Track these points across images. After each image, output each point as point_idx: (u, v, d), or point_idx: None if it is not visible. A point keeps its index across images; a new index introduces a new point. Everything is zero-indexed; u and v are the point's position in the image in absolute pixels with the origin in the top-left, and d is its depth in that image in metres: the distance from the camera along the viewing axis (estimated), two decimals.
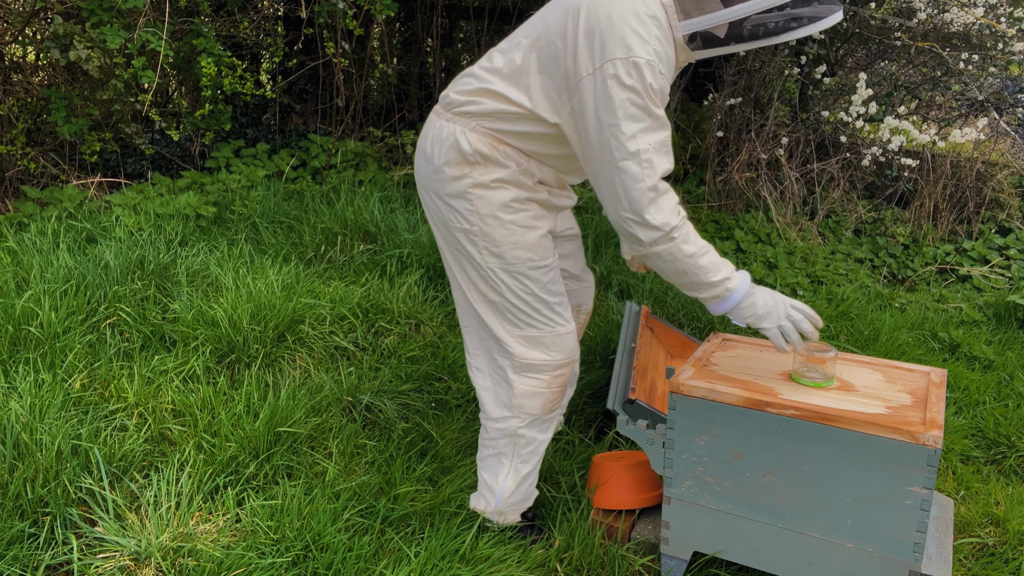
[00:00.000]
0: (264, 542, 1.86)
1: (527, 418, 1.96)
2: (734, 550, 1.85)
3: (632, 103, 1.59)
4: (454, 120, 1.81)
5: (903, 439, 1.59)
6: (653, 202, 1.65)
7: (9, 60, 4.19)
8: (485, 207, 1.80)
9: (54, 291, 2.81)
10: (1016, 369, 3.19)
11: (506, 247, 1.82)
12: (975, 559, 2.12)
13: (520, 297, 1.86)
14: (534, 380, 1.92)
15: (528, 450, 2.00)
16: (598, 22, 1.59)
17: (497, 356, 1.95)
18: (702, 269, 1.73)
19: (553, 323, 1.90)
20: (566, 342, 1.92)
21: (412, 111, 5.79)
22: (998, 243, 4.54)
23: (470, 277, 1.90)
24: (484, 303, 1.91)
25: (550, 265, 1.89)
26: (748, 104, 4.75)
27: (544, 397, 1.95)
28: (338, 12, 4.09)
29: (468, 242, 1.84)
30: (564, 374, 1.96)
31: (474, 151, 1.78)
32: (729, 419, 1.76)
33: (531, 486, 2.06)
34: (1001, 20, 4.18)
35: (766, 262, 4.17)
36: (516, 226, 1.82)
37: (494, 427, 1.99)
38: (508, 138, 1.79)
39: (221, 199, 4.07)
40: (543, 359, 1.91)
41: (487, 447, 2.03)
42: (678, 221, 1.69)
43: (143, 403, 2.34)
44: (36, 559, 1.80)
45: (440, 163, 1.82)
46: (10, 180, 4.08)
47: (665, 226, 1.66)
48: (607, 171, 1.66)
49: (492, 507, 2.03)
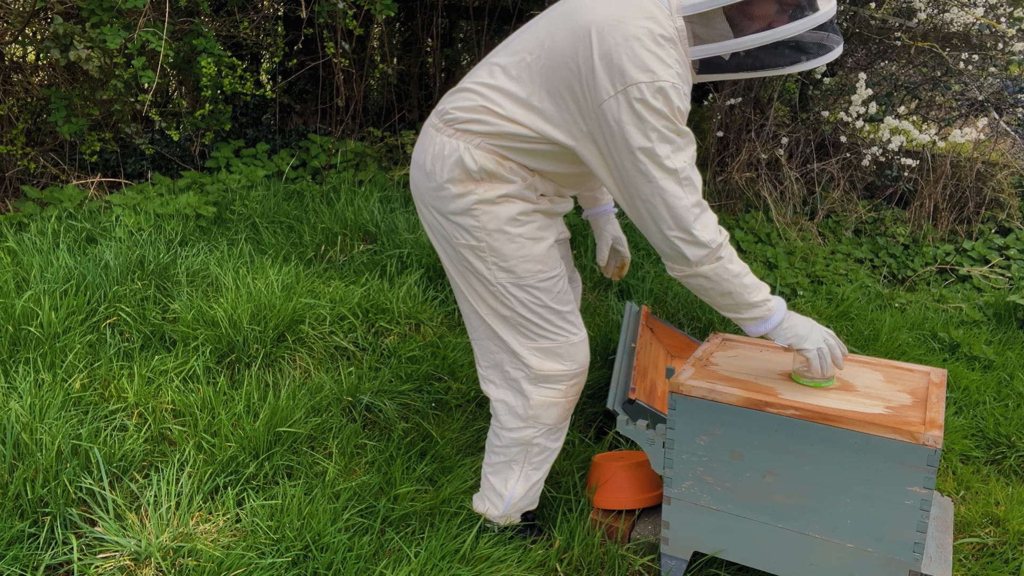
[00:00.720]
0: (264, 542, 1.86)
1: (543, 428, 1.95)
2: (734, 550, 1.85)
3: (664, 126, 1.59)
4: (456, 136, 1.78)
5: (903, 439, 1.59)
6: (699, 219, 1.65)
7: (9, 60, 4.19)
8: (492, 222, 1.78)
9: (54, 291, 2.81)
10: (1016, 369, 3.19)
11: (515, 261, 1.81)
12: (975, 559, 2.12)
13: (532, 310, 1.85)
14: (550, 391, 1.92)
15: (540, 458, 2.00)
16: (615, 44, 1.57)
17: (509, 368, 1.93)
18: (747, 289, 1.72)
19: (567, 333, 1.89)
20: (579, 350, 1.92)
21: (412, 111, 5.79)
22: (998, 243, 4.54)
23: (479, 293, 1.88)
24: (496, 318, 1.89)
25: (559, 275, 1.88)
26: (748, 104, 4.75)
27: (561, 407, 1.94)
28: (338, 12, 4.09)
29: (476, 258, 1.83)
30: (579, 383, 1.96)
31: (480, 168, 1.76)
32: (729, 419, 1.76)
33: (538, 491, 2.06)
34: (1001, 20, 4.18)
35: (766, 262, 4.17)
36: (524, 239, 1.81)
37: (508, 436, 1.98)
38: (514, 155, 1.77)
39: (221, 199, 4.07)
40: (559, 369, 1.90)
41: (498, 454, 2.02)
42: (723, 239, 1.69)
43: (143, 403, 2.34)
44: (36, 559, 1.80)
45: (443, 180, 1.80)
46: (10, 180, 4.08)
47: (712, 243, 1.66)
48: (645, 194, 1.64)
49: (500, 512, 2.02)
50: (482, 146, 1.76)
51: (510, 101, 1.72)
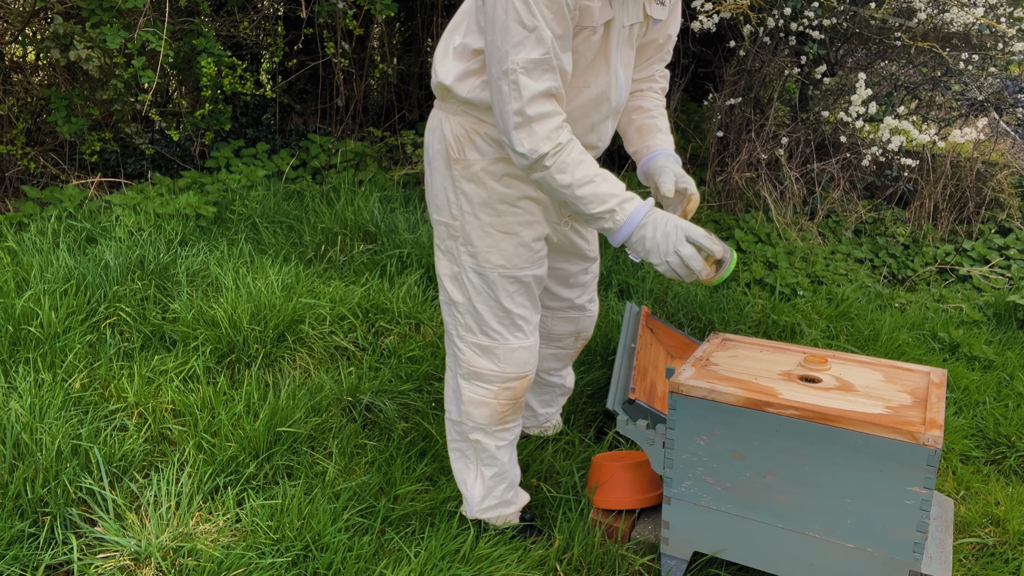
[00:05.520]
0: (264, 542, 1.86)
1: (475, 426, 1.91)
2: (734, 550, 1.85)
3: (513, 17, 1.49)
4: (439, 107, 1.79)
5: (903, 439, 1.59)
6: (520, 127, 1.55)
7: (9, 60, 4.19)
8: (467, 204, 1.76)
9: (54, 291, 2.81)
10: (1016, 369, 3.19)
11: (481, 247, 1.77)
12: (975, 559, 2.12)
13: (484, 302, 1.80)
14: (481, 389, 1.86)
15: (487, 454, 1.94)
16: None
17: (454, 355, 1.91)
18: (582, 200, 1.61)
19: (510, 336, 1.83)
20: (518, 356, 1.85)
21: (412, 111, 5.78)
22: (998, 243, 4.54)
23: (446, 269, 1.86)
24: (447, 302, 1.87)
25: (522, 278, 1.81)
26: (748, 104, 4.75)
27: (491, 408, 1.88)
28: (338, 12, 4.09)
29: (448, 237, 1.81)
30: (515, 388, 1.88)
31: (454, 137, 1.73)
32: (729, 419, 1.76)
33: (506, 490, 1.99)
34: (1001, 20, 4.18)
35: (766, 262, 4.17)
36: (495, 230, 1.76)
37: (453, 428, 1.97)
38: (481, 113, 1.71)
39: (221, 199, 4.07)
40: (491, 369, 1.84)
41: (452, 447, 2.01)
42: (550, 148, 1.56)
43: (143, 403, 2.35)
44: (36, 559, 1.80)
45: (432, 153, 1.80)
46: (10, 180, 4.08)
47: (532, 153, 1.56)
48: (490, 89, 1.60)
49: (469, 513, 2.00)
50: (458, 112, 1.73)
51: (453, 58, 1.71)
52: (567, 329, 2.22)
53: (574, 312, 2.19)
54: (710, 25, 4.20)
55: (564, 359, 2.31)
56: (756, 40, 4.48)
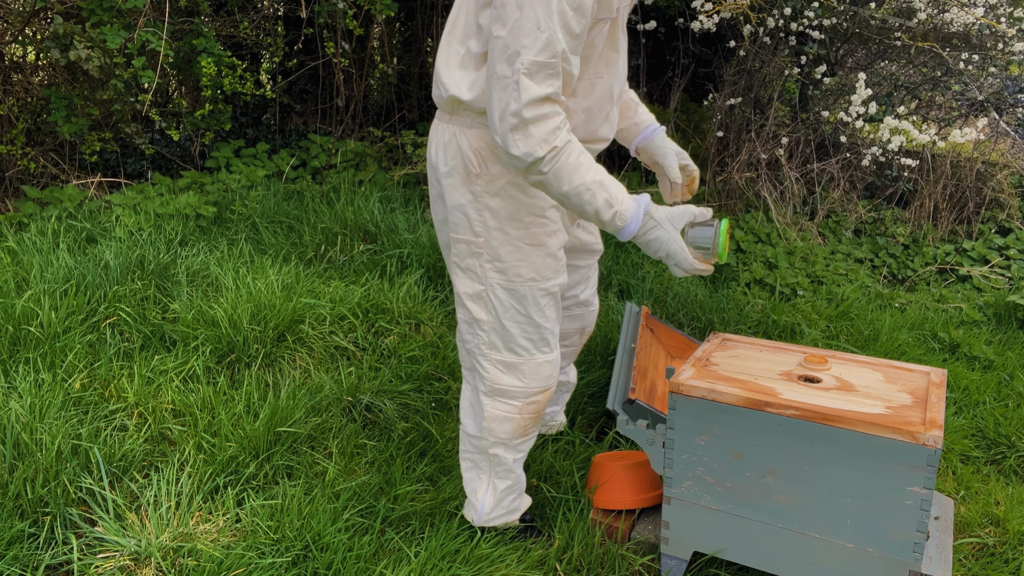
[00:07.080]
0: (264, 542, 1.86)
1: (497, 441, 1.89)
2: (734, 550, 1.85)
3: (529, 16, 1.45)
4: (451, 122, 1.73)
5: (903, 439, 1.59)
6: (516, 129, 1.50)
7: (9, 60, 4.19)
8: (493, 219, 1.70)
9: (54, 291, 2.81)
10: (1016, 369, 3.19)
11: (511, 263, 1.73)
12: (975, 559, 2.12)
13: (512, 319, 1.77)
14: (505, 405, 1.85)
15: (503, 468, 1.94)
16: None
17: (473, 374, 1.89)
18: (577, 209, 1.60)
19: (537, 351, 1.81)
20: (543, 371, 1.83)
21: (412, 111, 5.79)
22: (998, 243, 4.54)
23: (468, 288, 1.81)
24: (468, 320, 1.82)
25: (551, 288, 1.79)
26: (748, 104, 4.75)
27: (515, 423, 1.87)
28: (338, 12, 4.09)
29: (471, 255, 1.76)
30: (538, 402, 1.87)
31: (475, 151, 1.68)
32: (729, 419, 1.76)
33: (515, 499, 2.00)
34: (1001, 20, 4.18)
35: (766, 262, 4.17)
36: (523, 243, 1.72)
37: (469, 441, 1.95)
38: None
39: (221, 199, 4.07)
40: (516, 385, 1.82)
41: (464, 458, 1.99)
42: (545, 152, 1.51)
43: (143, 403, 2.35)
44: (36, 559, 1.80)
45: (446, 170, 1.73)
46: (10, 180, 4.08)
47: (528, 157, 1.51)
48: (487, 84, 1.55)
49: (476, 521, 1.99)
50: (475, 125, 1.68)
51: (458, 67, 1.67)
52: (574, 327, 2.23)
53: (579, 309, 2.20)
54: (710, 25, 4.21)
55: (569, 356, 2.33)
56: (756, 40, 4.48)
